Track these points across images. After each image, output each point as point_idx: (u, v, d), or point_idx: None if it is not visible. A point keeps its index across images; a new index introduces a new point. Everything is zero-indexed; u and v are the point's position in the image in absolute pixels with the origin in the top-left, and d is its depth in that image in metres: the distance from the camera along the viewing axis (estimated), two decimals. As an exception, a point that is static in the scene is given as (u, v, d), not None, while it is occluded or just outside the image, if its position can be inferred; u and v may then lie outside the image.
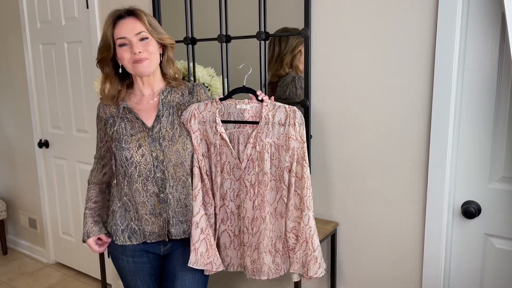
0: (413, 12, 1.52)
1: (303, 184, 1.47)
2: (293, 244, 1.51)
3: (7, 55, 3.18)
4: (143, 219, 1.54)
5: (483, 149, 1.51)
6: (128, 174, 1.52)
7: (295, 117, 1.45)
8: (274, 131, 1.46)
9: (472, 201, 1.55)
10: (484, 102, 1.48)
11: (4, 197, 3.55)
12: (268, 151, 1.47)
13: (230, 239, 1.57)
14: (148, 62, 1.48)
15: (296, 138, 1.45)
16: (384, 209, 1.70)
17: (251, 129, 1.49)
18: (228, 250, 1.58)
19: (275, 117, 1.46)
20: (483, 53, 1.46)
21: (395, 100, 1.61)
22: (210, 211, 1.56)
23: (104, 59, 1.51)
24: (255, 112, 1.49)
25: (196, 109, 1.53)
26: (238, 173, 1.51)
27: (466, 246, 1.59)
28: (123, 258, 1.60)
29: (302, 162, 1.47)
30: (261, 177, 1.49)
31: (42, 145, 3.06)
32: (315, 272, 1.49)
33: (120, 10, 1.49)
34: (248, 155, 1.49)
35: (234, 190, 1.53)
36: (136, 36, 1.46)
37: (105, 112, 1.59)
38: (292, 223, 1.50)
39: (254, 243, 1.53)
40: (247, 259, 1.54)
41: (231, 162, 1.51)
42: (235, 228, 1.56)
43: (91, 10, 2.52)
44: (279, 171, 1.49)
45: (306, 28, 1.73)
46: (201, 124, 1.52)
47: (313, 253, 1.48)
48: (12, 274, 3.14)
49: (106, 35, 1.47)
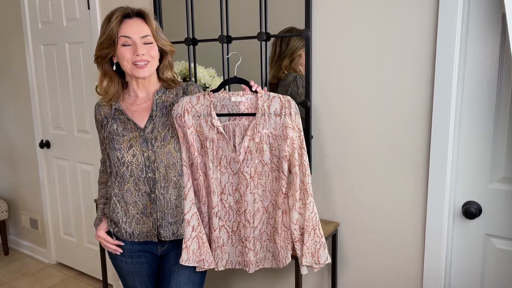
0: (413, 13, 1.53)
1: (304, 172, 1.48)
2: (299, 236, 1.51)
3: (9, 55, 3.19)
4: (134, 218, 1.54)
5: (483, 149, 1.51)
6: (120, 174, 1.52)
7: (290, 106, 1.46)
8: (271, 121, 1.47)
9: (472, 201, 1.55)
10: (485, 103, 1.48)
11: (5, 197, 3.55)
12: (267, 142, 1.47)
13: (228, 235, 1.56)
14: (149, 65, 1.48)
15: (293, 127, 1.46)
16: (385, 210, 1.70)
17: (247, 121, 1.48)
18: (225, 247, 1.57)
19: (271, 108, 1.46)
20: (483, 54, 1.46)
21: (396, 101, 1.61)
22: (203, 210, 1.55)
23: (104, 56, 1.50)
24: (250, 104, 1.48)
25: (188, 102, 1.49)
26: (236, 167, 1.50)
27: (466, 246, 1.59)
28: (121, 259, 1.61)
29: (301, 151, 1.47)
30: (260, 168, 1.49)
31: (43, 146, 3.06)
32: (326, 258, 1.51)
33: (129, 9, 1.48)
34: (246, 148, 1.48)
35: (233, 184, 1.52)
36: (142, 38, 1.46)
37: (100, 114, 1.59)
38: (297, 214, 1.50)
39: (257, 235, 1.53)
40: (250, 253, 1.53)
41: (228, 155, 1.49)
42: (233, 224, 1.55)
43: (93, 11, 2.53)
44: (280, 161, 1.49)
45: (307, 29, 1.74)
46: (195, 119, 1.49)
47: (321, 239, 1.50)
48: (13, 274, 3.14)
49: (111, 31, 1.45)
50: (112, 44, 1.46)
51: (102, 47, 1.49)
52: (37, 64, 2.99)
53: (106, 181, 1.66)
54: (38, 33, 2.91)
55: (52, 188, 3.13)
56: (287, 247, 1.54)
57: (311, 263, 1.50)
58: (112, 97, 1.55)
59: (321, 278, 1.94)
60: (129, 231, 1.55)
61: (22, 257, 3.42)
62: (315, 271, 1.54)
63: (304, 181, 1.48)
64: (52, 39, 2.83)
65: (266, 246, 1.55)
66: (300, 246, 1.50)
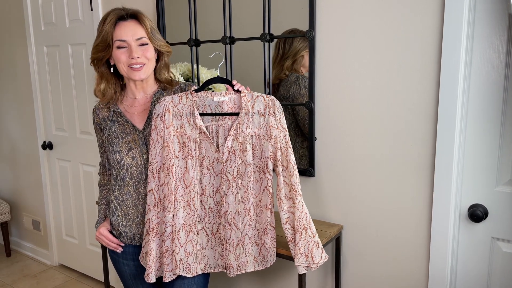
0: (419, 14, 1.51)
1: (290, 172, 1.46)
2: (290, 235, 1.49)
3: (12, 57, 3.19)
4: (134, 221, 1.53)
5: (490, 151, 1.49)
6: (120, 176, 1.52)
7: (274, 106, 1.44)
8: (254, 121, 1.45)
9: (479, 204, 1.53)
10: (491, 104, 1.46)
11: (8, 199, 3.55)
12: (250, 142, 1.45)
13: (207, 238, 1.52)
14: (145, 67, 1.47)
15: (277, 126, 1.44)
16: (390, 213, 1.69)
17: (230, 121, 1.46)
18: (205, 250, 1.53)
19: (254, 107, 1.45)
20: (490, 55, 1.44)
21: (401, 103, 1.60)
22: (168, 219, 1.45)
23: (99, 58, 1.49)
24: (234, 104, 1.46)
25: (170, 102, 1.45)
26: (218, 167, 1.47)
27: (472, 250, 1.58)
28: (123, 262, 1.60)
29: (286, 151, 1.45)
30: (243, 169, 1.46)
31: (46, 147, 3.06)
32: (319, 258, 1.48)
33: (123, 11, 1.46)
34: (229, 148, 1.45)
35: (214, 185, 1.49)
36: (137, 41, 1.45)
37: (98, 117, 1.58)
38: (286, 214, 1.48)
39: (237, 238, 1.49)
40: (230, 255, 1.50)
41: (211, 156, 1.46)
42: (213, 226, 1.51)
43: (95, 12, 2.53)
44: (262, 161, 1.47)
45: (311, 30, 1.72)
46: (177, 119, 1.45)
47: (313, 239, 1.47)
48: (15, 276, 3.14)
49: (106, 34, 1.44)
50: (107, 47, 1.45)
51: (98, 50, 1.47)
52: (39, 65, 2.99)
53: (107, 182, 1.65)
54: (41, 34, 2.91)
55: (54, 190, 3.13)
56: (274, 245, 1.52)
57: (306, 263, 1.48)
58: (109, 99, 1.54)
59: (325, 280, 1.92)
60: (129, 235, 1.54)
61: (24, 259, 3.42)
62: (313, 270, 1.52)
63: (292, 181, 1.46)
64: (55, 40, 2.82)
65: (248, 250, 1.51)
66: (293, 246, 1.49)
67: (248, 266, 1.53)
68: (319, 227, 1.76)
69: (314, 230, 1.49)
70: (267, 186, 1.47)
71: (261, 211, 1.50)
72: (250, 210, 1.49)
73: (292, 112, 1.85)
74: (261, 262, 1.54)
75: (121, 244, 1.57)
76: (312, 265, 1.48)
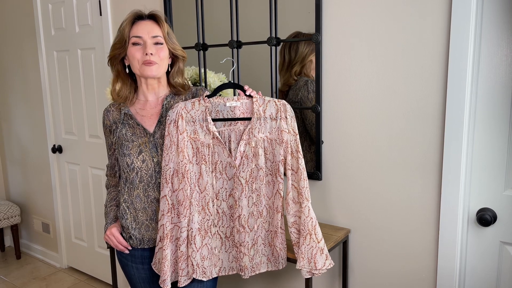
0: (426, 17, 1.51)
1: (299, 176, 1.46)
2: (295, 238, 1.50)
3: (22, 61, 3.23)
4: (143, 225, 1.54)
5: (498, 155, 1.48)
6: (130, 180, 1.52)
7: (286, 110, 1.46)
8: (266, 125, 1.46)
9: (487, 208, 1.52)
10: (499, 107, 1.45)
11: (18, 201, 3.59)
12: (262, 146, 1.47)
13: (221, 241, 1.53)
14: (157, 66, 1.49)
15: (288, 131, 1.45)
16: (397, 217, 1.68)
17: (243, 125, 1.47)
18: (219, 254, 1.54)
19: (266, 112, 1.46)
20: (497, 58, 1.43)
21: (408, 106, 1.59)
22: (183, 224, 1.46)
23: (116, 56, 1.52)
24: (246, 108, 1.48)
25: (183, 108, 1.47)
26: (231, 172, 1.48)
27: (481, 254, 1.56)
28: (132, 265, 1.60)
29: (297, 155, 1.46)
30: (256, 173, 1.48)
31: (55, 151, 3.09)
32: (323, 264, 1.47)
33: (142, 11, 1.51)
34: (242, 152, 1.46)
35: (227, 190, 1.50)
36: (152, 39, 1.47)
37: (108, 119, 1.60)
38: (292, 217, 1.49)
39: (251, 239, 1.51)
40: (245, 258, 1.51)
41: (224, 161, 1.48)
42: (227, 230, 1.53)
43: (104, 17, 2.55)
44: (274, 165, 1.48)
45: (317, 33, 1.73)
46: (190, 125, 1.47)
47: (317, 245, 1.47)
48: (25, 278, 3.17)
49: (123, 31, 1.48)
50: (124, 44, 1.49)
51: (115, 48, 1.52)
52: (49, 70, 3.02)
53: (116, 184, 1.66)
54: (51, 39, 2.95)
55: (63, 193, 3.16)
56: (284, 248, 1.53)
57: (308, 268, 1.48)
58: (124, 100, 1.56)
59: (332, 284, 1.91)
60: (138, 237, 1.55)
61: (34, 261, 3.45)
62: (316, 276, 1.52)
63: (300, 185, 1.47)
64: (65, 45, 2.86)
65: (261, 251, 1.54)
66: (297, 249, 1.49)
67: (262, 267, 1.54)
68: (326, 231, 1.76)
69: (320, 236, 1.48)
70: (278, 189, 1.48)
71: (273, 213, 1.51)
72: (263, 212, 1.50)
73: (300, 116, 1.85)
74: (274, 263, 1.55)
75: (128, 248, 1.58)
76: (314, 270, 1.47)
